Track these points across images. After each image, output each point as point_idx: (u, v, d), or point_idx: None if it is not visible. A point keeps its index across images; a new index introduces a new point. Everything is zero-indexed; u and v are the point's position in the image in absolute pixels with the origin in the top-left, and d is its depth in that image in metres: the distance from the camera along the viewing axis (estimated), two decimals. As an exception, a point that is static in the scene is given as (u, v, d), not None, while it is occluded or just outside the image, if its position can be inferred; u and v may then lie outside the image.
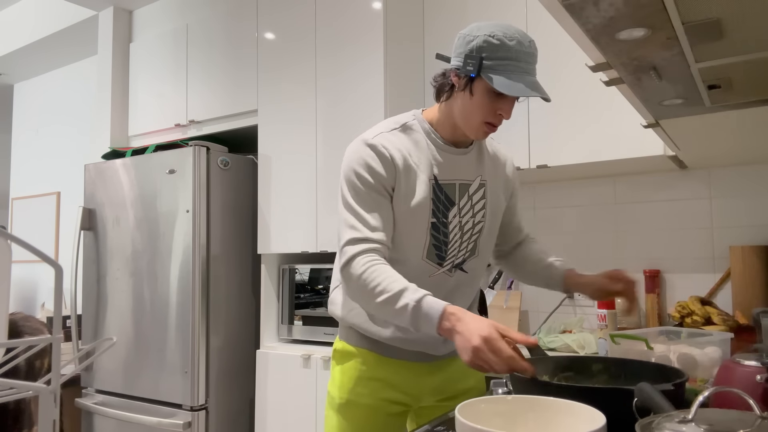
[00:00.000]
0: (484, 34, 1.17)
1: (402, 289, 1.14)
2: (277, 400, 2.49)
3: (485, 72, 1.17)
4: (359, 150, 1.26)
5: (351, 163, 1.27)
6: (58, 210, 4.32)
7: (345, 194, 1.26)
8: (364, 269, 1.18)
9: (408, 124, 1.32)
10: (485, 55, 1.17)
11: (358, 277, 1.18)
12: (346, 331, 1.38)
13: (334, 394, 1.36)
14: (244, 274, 2.75)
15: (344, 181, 1.27)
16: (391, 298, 1.13)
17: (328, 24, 2.47)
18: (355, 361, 1.35)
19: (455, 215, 1.33)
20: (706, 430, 0.67)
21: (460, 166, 1.34)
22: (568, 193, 2.45)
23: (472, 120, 1.24)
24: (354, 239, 1.21)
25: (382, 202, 1.25)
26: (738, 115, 1.29)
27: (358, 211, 1.23)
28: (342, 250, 1.22)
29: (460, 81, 1.23)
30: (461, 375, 1.44)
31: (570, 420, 0.81)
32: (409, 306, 1.11)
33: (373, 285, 1.16)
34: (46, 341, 0.58)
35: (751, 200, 2.10)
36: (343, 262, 1.21)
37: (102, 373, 2.81)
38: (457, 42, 1.23)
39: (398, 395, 1.35)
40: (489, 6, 2.31)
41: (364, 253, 1.20)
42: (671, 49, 0.87)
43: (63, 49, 4.08)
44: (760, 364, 0.93)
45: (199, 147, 2.58)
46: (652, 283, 2.19)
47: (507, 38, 1.16)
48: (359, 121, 2.34)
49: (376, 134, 1.28)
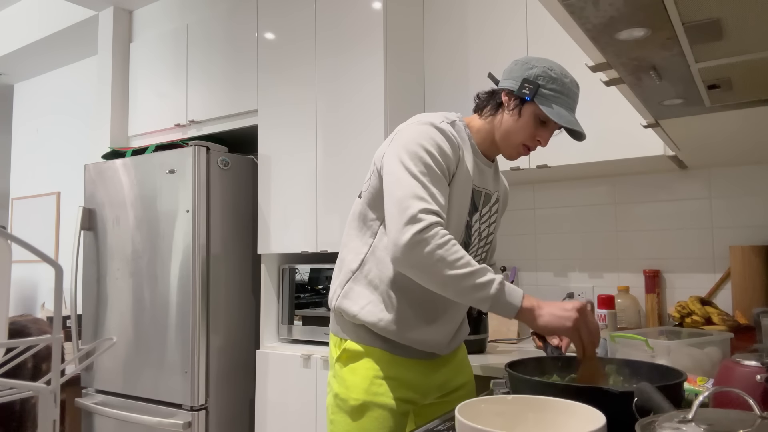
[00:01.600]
0: (543, 66, 1.27)
1: (485, 267, 1.18)
2: (277, 400, 2.49)
3: (539, 98, 1.26)
4: (427, 131, 1.26)
5: (419, 139, 1.24)
6: (58, 210, 4.32)
7: (410, 167, 1.22)
8: (447, 240, 1.16)
9: (456, 123, 1.35)
10: (542, 83, 1.26)
11: (438, 245, 1.15)
12: (355, 330, 1.35)
13: (345, 396, 1.32)
14: (244, 274, 2.75)
15: (407, 155, 1.23)
16: (476, 272, 1.15)
17: (329, 24, 2.47)
18: (367, 361, 1.32)
19: (477, 221, 1.37)
20: (706, 430, 0.67)
21: (487, 177, 1.39)
22: (568, 193, 2.45)
23: (513, 139, 1.32)
24: (428, 210, 1.18)
25: (445, 185, 1.26)
26: (738, 115, 1.29)
27: (428, 185, 1.21)
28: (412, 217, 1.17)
29: (511, 101, 1.30)
30: (459, 370, 1.47)
31: (570, 420, 0.81)
32: (495, 281, 1.15)
33: (456, 256, 1.16)
34: (46, 341, 0.58)
35: (751, 200, 2.10)
36: (421, 227, 1.15)
37: (102, 373, 2.81)
38: (514, 67, 1.31)
39: (410, 393, 1.35)
40: (489, 8, 2.31)
41: (441, 225, 1.18)
42: (671, 49, 0.87)
43: (63, 49, 4.08)
44: (760, 364, 0.93)
45: (199, 147, 2.58)
46: (652, 283, 2.19)
47: (563, 75, 1.27)
48: (359, 121, 2.34)
49: (441, 120, 1.30)
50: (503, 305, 1.15)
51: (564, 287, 2.42)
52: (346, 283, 1.36)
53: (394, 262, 1.20)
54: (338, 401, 1.34)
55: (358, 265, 1.34)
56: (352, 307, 1.33)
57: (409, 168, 1.21)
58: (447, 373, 1.43)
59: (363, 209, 1.36)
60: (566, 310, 1.14)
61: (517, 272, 2.54)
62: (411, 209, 1.17)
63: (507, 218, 2.59)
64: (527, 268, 2.52)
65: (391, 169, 1.24)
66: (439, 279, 1.16)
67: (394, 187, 1.21)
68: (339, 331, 1.38)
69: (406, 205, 1.18)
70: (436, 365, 1.40)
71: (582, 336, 1.13)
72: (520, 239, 2.55)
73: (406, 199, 1.18)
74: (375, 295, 1.32)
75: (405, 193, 1.19)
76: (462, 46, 2.38)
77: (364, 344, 1.33)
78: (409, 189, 1.19)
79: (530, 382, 0.98)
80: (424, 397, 1.39)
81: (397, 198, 1.20)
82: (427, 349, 1.36)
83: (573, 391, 0.89)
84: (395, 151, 1.25)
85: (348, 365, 1.34)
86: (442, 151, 1.24)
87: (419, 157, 1.22)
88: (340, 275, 1.39)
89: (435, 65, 2.45)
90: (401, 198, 1.19)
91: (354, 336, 1.35)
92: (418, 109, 2.43)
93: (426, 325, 1.33)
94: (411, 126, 1.28)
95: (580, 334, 1.13)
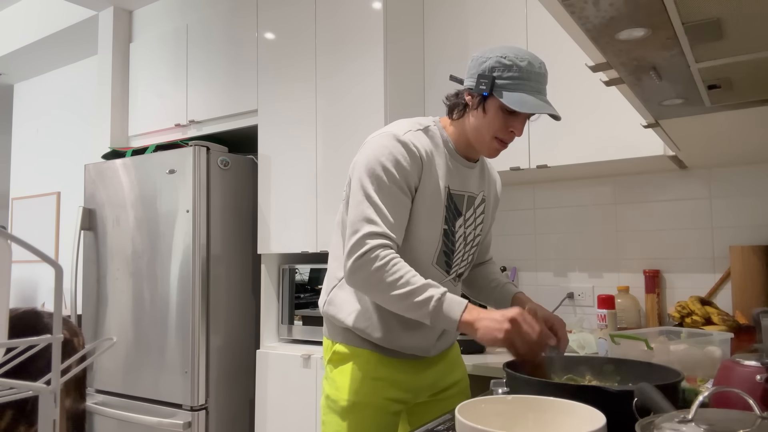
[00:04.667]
0: (496, 56, 1.24)
1: (426, 283, 1.18)
2: (277, 400, 2.49)
3: (497, 90, 1.23)
4: (389, 145, 1.26)
5: (378, 156, 1.25)
6: (58, 210, 4.32)
7: (366, 186, 1.24)
8: (385, 261, 1.18)
9: (429, 129, 1.34)
10: (497, 75, 1.23)
11: (377, 268, 1.18)
12: (344, 333, 1.37)
13: (336, 397, 1.35)
14: (244, 274, 2.75)
15: (366, 173, 1.25)
16: (414, 291, 1.17)
17: (328, 23, 2.47)
18: (355, 362, 1.35)
19: (461, 225, 1.37)
20: (706, 430, 0.67)
21: (469, 179, 1.38)
22: (568, 193, 2.45)
23: (484, 136, 1.29)
24: (373, 233, 1.21)
25: (403, 200, 1.26)
26: (738, 115, 1.29)
27: (380, 205, 1.23)
28: (357, 241, 1.21)
29: (474, 100, 1.29)
30: (450, 368, 1.48)
31: (570, 420, 0.81)
32: (433, 298, 1.16)
33: (395, 277, 1.18)
34: (46, 341, 0.58)
35: (751, 200, 2.10)
36: (361, 252, 1.20)
37: (102, 373, 2.81)
38: (470, 64, 1.29)
39: (400, 393, 1.36)
40: (489, 8, 2.31)
41: (384, 247, 1.21)
42: (671, 49, 0.87)
43: (63, 49, 4.08)
44: (760, 364, 0.93)
45: (199, 147, 2.58)
46: (652, 283, 2.19)
47: (518, 59, 1.23)
48: (359, 120, 2.34)
49: (405, 131, 1.29)
50: (443, 320, 1.17)
51: (564, 287, 2.42)
52: (332, 290, 1.39)
53: (346, 282, 1.26)
54: (329, 402, 1.36)
55: (342, 272, 1.36)
56: (339, 314, 1.36)
57: (365, 187, 1.25)
58: (437, 371, 1.44)
59: (344, 217, 1.38)
60: (498, 321, 1.13)
61: (517, 272, 2.54)
62: (357, 234, 1.22)
63: (507, 218, 2.59)
64: (527, 268, 2.52)
65: (352, 187, 1.28)
66: (383, 299, 1.21)
67: (351, 207, 1.27)
68: (330, 334, 1.41)
69: (355, 229, 1.23)
70: (425, 364, 1.41)
71: (516, 346, 1.13)
72: (520, 239, 2.55)
73: (355, 223, 1.23)
74: (359, 303, 1.34)
75: (356, 216, 1.24)
76: (462, 46, 2.37)
77: (353, 346, 1.36)
78: (360, 211, 1.24)
79: (530, 381, 0.98)
80: (415, 396, 1.40)
81: (350, 221, 1.25)
82: (413, 353, 1.37)
83: (573, 391, 0.89)
84: (357, 167, 1.29)
85: (338, 367, 1.37)
86: (400, 165, 1.25)
87: (375, 174, 1.24)
88: (327, 281, 1.42)
89: (435, 65, 2.45)
90: (352, 221, 1.24)
91: (343, 339, 1.37)
92: (417, 108, 2.43)
93: (409, 330, 1.35)
94: (375, 138, 1.30)
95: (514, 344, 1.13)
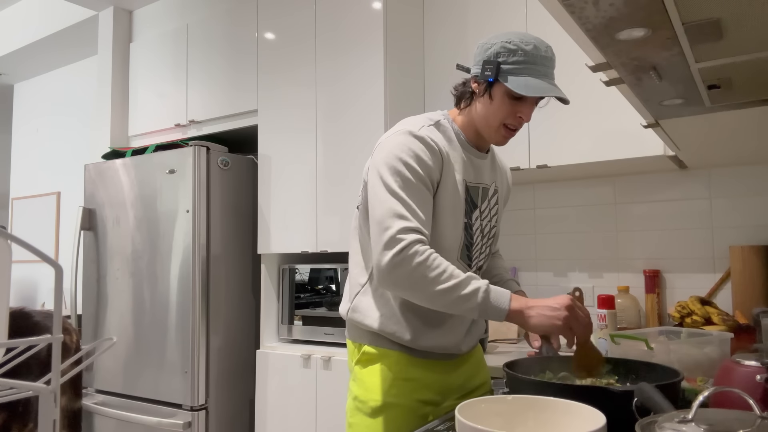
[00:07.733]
0: (500, 41, 1.22)
1: (468, 275, 1.17)
2: (277, 400, 2.49)
3: (502, 75, 1.21)
4: (406, 141, 1.24)
5: (397, 152, 1.23)
6: (58, 210, 4.32)
7: (389, 183, 1.21)
8: (426, 256, 1.16)
9: (441, 123, 1.33)
10: (502, 60, 1.22)
11: (419, 264, 1.15)
12: (371, 335, 1.34)
13: (365, 398, 1.31)
14: (244, 274, 2.75)
15: (387, 170, 1.22)
16: (459, 284, 1.15)
17: (328, 24, 2.47)
18: (385, 363, 1.32)
19: (477, 218, 1.35)
20: (706, 430, 0.67)
21: (482, 171, 1.37)
22: (568, 193, 2.45)
23: (492, 123, 1.28)
24: (407, 228, 1.18)
25: (427, 196, 1.24)
26: (738, 115, 1.29)
27: (408, 201, 1.20)
28: (392, 238, 1.17)
29: (480, 87, 1.27)
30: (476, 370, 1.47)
31: (570, 420, 0.81)
32: (480, 289, 1.15)
33: (438, 271, 1.15)
34: (46, 341, 0.58)
35: (751, 200, 2.10)
36: (399, 248, 1.16)
37: (102, 373, 2.81)
38: (476, 51, 1.28)
39: (430, 395, 1.34)
40: (489, 7, 2.31)
41: (421, 242, 1.18)
42: (671, 49, 0.87)
43: (63, 49, 4.08)
44: (760, 364, 0.93)
45: (199, 147, 2.58)
46: (652, 283, 2.19)
47: (523, 43, 1.21)
48: (359, 121, 2.34)
49: (420, 127, 1.28)
50: (492, 311, 1.15)
51: (564, 287, 2.42)
52: (356, 297, 1.36)
53: (379, 283, 1.21)
54: (357, 403, 1.33)
55: (366, 279, 1.35)
56: (365, 320, 1.33)
57: (388, 184, 1.21)
58: (466, 372, 1.42)
59: (361, 222, 1.36)
60: (555, 309, 1.14)
61: (517, 272, 2.53)
62: (390, 230, 1.18)
63: (507, 218, 2.59)
64: (527, 268, 2.52)
65: (372, 187, 1.25)
66: (425, 296, 1.18)
67: (375, 205, 1.22)
68: (356, 336, 1.38)
69: (386, 226, 1.19)
70: (454, 365, 1.40)
71: (574, 331, 1.15)
72: (520, 239, 2.55)
73: (385, 220, 1.19)
74: (385, 308, 1.32)
75: (384, 213, 1.20)
76: (462, 46, 2.37)
77: (382, 348, 1.33)
78: (388, 207, 1.20)
79: (530, 382, 0.98)
80: (444, 398, 1.37)
81: (377, 218, 1.21)
82: (445, 351, 1.36)
83: (573, 391, 0.89)
84: (375, 166, 1.25)
85: (367, 367, 1.34)
86: (421, 160, 1.23)
87: (397, 171, 1.21)
88: (349, 287, 1.39)
89: (435, 65, 2.45)
90: (380, 218, 1.20)
91: (370, 340, 1.35)
92: (418, 109, 2.43)
93: (436, 329, 1.33)
94: (390, 137, 1.28)
95: (572, 329, 1.14)
